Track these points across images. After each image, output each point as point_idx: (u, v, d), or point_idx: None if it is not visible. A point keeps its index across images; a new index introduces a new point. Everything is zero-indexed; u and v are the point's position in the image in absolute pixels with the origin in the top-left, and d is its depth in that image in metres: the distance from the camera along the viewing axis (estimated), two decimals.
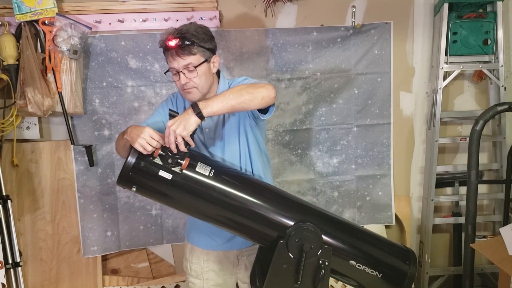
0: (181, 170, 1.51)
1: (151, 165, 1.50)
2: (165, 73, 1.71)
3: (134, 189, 1.54)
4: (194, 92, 1.66)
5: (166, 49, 1.63)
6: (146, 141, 1.47)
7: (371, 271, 1.65)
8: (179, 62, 1.61)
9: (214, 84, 1.75)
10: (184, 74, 1.62)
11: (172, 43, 1.59)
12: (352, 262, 1.64)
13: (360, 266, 1.64)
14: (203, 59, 1.64)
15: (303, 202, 1.77)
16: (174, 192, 1.57)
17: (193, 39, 1.60)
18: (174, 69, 1.64)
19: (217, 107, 1.51)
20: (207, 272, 1.87)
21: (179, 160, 1.50)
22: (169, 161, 1.49)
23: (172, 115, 1.51)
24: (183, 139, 1.47)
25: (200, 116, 1.49)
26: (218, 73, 1.79)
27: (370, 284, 1.71)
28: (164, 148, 1.48)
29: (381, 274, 1.67)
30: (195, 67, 1.62)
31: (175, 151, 1.49)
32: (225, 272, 1.89)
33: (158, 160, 1.49)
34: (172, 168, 1.50)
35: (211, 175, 1.56)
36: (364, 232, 1.78)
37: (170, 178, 1.51)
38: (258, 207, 1.61)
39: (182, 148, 1.49)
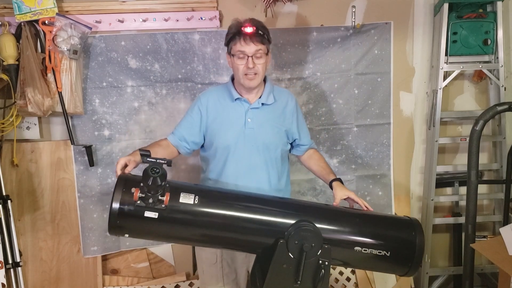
0: (165, 206, 1.51)
1: (136, 208, 1.50)
2: (231, 54, 1.87)
3: (127, 235, 1.56)
4: (256, 79, 1.88)
5: (239, 34, 1.82)
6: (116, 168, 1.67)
7: (379, 252, 1.63)
8: (251, 47, 1.82)
9: (262, 82, 1.96)
10: (252, 59, 1.83)
11: (249, 29, 1.80)
12: (357, 248, 1.62)
13: (366, 250, 1.62)
14: (267, 51, 1.89)
15: (294, 201, 1.77)
16: (166, 228, 1.58)
17: (264, 31, 1.85)
18: (243, 52, 1.83)
19: None
20: (220, 261, 1.96)
21: (160, 198, 1.50)
22: (150, 200, 1.49)
23: (144, 154, 1.52)
24: None
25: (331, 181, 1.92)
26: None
27: (382, 266, 1.69)
28: (142, 189, 1.49)
29: (389, 252, 1.64)
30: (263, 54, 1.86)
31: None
32: (237, 261, 1.98)
33: (140, 203, 1.49)
34: (156, 207, 1.51)
35: (196, 202, 1.56)
36: (362, 215, 1.75)
37: (157, 217, 1.51)
38: (250, 221, 1.62)
39: None
